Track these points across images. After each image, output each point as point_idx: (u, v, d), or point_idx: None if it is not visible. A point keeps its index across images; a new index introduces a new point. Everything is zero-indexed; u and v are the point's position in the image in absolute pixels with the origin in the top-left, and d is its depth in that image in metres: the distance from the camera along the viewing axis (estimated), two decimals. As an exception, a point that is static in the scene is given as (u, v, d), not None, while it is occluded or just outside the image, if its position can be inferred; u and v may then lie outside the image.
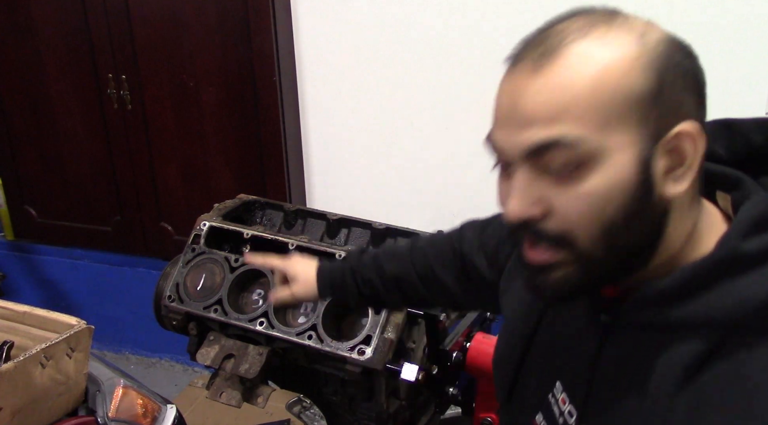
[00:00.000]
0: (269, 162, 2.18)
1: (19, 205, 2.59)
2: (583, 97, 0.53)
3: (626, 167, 0.54)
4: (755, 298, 0.53)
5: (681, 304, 0.56)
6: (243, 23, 2.02)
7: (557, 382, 0.68)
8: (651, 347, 0.58)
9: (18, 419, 0.95)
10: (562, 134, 0.53)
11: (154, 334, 1.68)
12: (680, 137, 0.55)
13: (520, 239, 0.60)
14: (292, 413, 1.98)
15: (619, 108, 0.53)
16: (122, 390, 1.06)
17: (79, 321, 1.05)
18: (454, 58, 1.93)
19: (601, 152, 0.53)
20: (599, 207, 0.54)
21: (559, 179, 0.54)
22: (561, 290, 0.59)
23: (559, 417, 0.67)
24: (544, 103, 0.53)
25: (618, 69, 0.53)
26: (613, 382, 0.61)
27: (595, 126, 0.53)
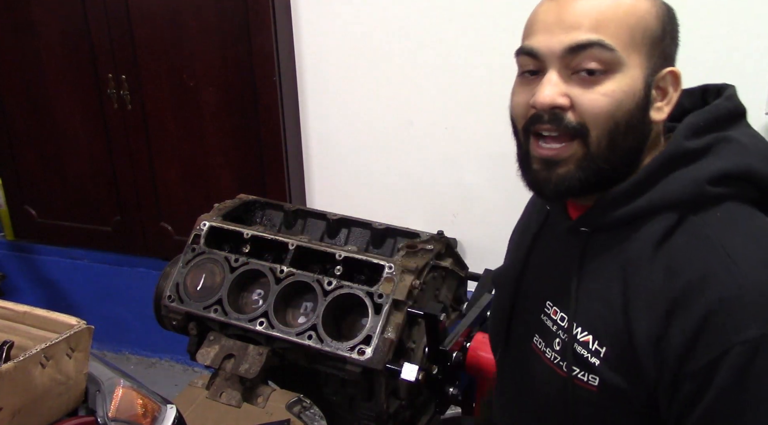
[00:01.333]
0: (269, 162, 2.18)
1: (19, 205, 2.59)
2: (619, 20, 0.68)
3: (637, 82, 0.69)
4: (700, 179, 0.68)
5: (642, 195, 0.70)
6: (243, 23, 2.02)
7: (547, 302, 0.80)
8: (623, 238, 0.72)
9: (18, 419, 0.95)
10: (603, 38, 0.67)
11: (154, 334, 1.68)
12: (668, 77, 0.71)
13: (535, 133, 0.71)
14: (292, 413, 1.98)
15: (640, 37, 0.69)
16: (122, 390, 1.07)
17: (79, 321, 1.05)
18: (454, 58, 1.93)
19: (624, 63, 0.68)
20: (614, 107, 0.68)
21: (584, 81, 0.68)
22: (563, 184, 0.70)
23: (552, 327, 0.78)
24: (589, 15, 0.67)
25: (642, 9, 0.69)
26: (595, 279, 0.74)
27: (624, 43, 0.68)
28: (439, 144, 2.03)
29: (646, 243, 0.69)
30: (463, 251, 2.05)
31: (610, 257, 0.73)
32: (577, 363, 0.73)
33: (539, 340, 0.80)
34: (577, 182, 0.70)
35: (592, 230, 0.75)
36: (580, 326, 0.73)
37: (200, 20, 2.07)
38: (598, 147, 0.69)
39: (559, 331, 0.77)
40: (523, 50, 0.72)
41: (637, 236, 0.71)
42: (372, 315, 1.23)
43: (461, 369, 1.23)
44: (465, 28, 1.89)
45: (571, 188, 0.70)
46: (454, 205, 2.06)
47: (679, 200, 0.69)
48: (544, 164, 0.71)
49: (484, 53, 1.88)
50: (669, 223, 0.69)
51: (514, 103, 0.74)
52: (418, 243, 1.34)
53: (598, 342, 0.71)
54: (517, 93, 0.74)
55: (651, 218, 0.70)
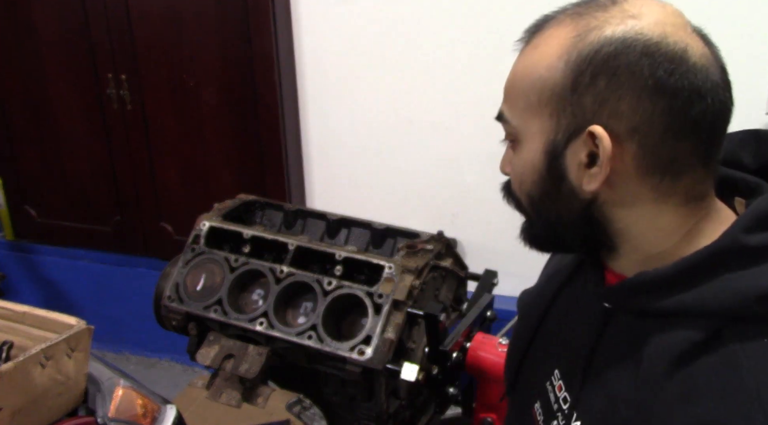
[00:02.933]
0: (269, 162, 2.18)
1: (19, 205, 2.59)
2: (516, 85, 0.61)
3: (535, 153, 0.61)
4: (753, 292, 0.53)
5: (677, 292, 0.56)
6: (243, 23, 2.02)
7: (555, 370, 0.71)
8: (646, 333, 0.59)
9: (18, 419, 0.95)
10: (503, 110, 0.64)
11: (154, 334, 1.68)
12: (592, 138, 0.56)
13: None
14: (292, 413, 1.98)
15: (536, 99, 0.59)
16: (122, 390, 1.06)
17: (79, 321, 1.05)
18: (454, 58, 1.93)
19: (523, 134, 0.62)
20: (520, 178, 0.64)
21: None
22: (524, 237, 0.68)
23: (554, 404, 0.70)
24: (507, 80, 0.63)
25: (542, 66, 0.58)
26: (607, 368, 0.63)
27: (519, 110, 0.61)
28: (439, 144, 2.03)
29: (662, 356, 0.56)
30: (463, 251, 2.05)
31: (627, 348, 0.61)
32: None
33: (539, 410, 0.73)
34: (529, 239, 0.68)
35: (615, 309, 0.64)
36: (579, 419, 0.64)
37: (200, 20, 2.07)
38: (530, 212, 0.66)
39: (559, 414, 0.68)
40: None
41: (658, 339, 0.57)
42: (372, 315, 1.23)
43: (461, 369, 1.23)
44: (465, 28, 1.89)
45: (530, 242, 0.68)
46: (454, 205, 2.06)
47: (721, 313, 0.54)
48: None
49: (484, 53, 1.88)
50: (699, 338, 0.54)
51: None
52: (418, 243, 1.34)
53: None
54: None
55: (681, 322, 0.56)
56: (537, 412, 0.73)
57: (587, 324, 0.67)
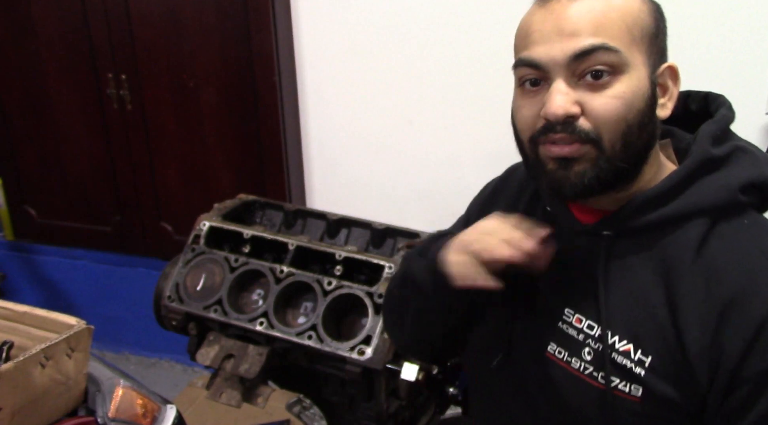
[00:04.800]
0: (269, 162, 2.18)
1: (19, 205, 2.59)
2: (616, 21, 0.67)
3: (643, 81, 0.69)
4: (733, 186, 0.70)
5: (673, 200, 0.71)
6: (243, 23, 2.02)
7: (565, 309, 0.77)
8: (653, 243, 0.71)
9: (18, 419, 0.95)
10: (606, 41, 0.66)
11: (154, 334, 1.68)
12: (666, 73, 0.72)
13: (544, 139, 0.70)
14: (292, 413, 1.98)
15: (638, 35, 0.69)
16: (122, 390, 1.06)
17: (79, 321, 1.05)
18: (454, 58, 1.93)
19: (628, 64, 0.67)
20: (625, 109, 0.67)
21: (592, 86, 0.67)
22: (581, 182, 0.69)
23: (577, 336, 0.75)
24: (589, 20, 0.67)
25: (635, 8, 0.69)
26: (624, 284, 0.72)
27: (625, 43, 0.67)
28: (439, 144, 2.03)
29: (685, 249, 0.69)
30: (463, 251, 2.04)
31: (639, 262, 0.72)
32: (618, 373, 0.71)
33: (558, 349, 0.77)
34: (595, 181, 0.69)
35: (616, 234, 0.73)
36: (617, 334, 0.71)
37: (200, 20, 2.07)
38: (612, 150, 0.68)
39: (589, 340, 0.74)
40: (522, 62, 0.71)
41: (672, 241, 0.70)
42: (372, 315, 1.23)
43: (461, 369, 1.23)
44: (465, 28, 1.89)
45: (590, 187, 0.69)
46: (454, 205, 2.06)
47: (712, 206, 0.70)
48: (560, 162, 0.69)
49: (484, 53, 1.88)
50: (703, 229, 0.69)
51: (520, 116, 0.73)
52: (418, 243, 1.34)
53: (642, 351, 0.70)
54: (523, 106, 0.72)
55: (682, 223, 0.70)
56: (554, 352, 0.77)
57: (584, 259, 0.75)
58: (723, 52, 1.66)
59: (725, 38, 1.65)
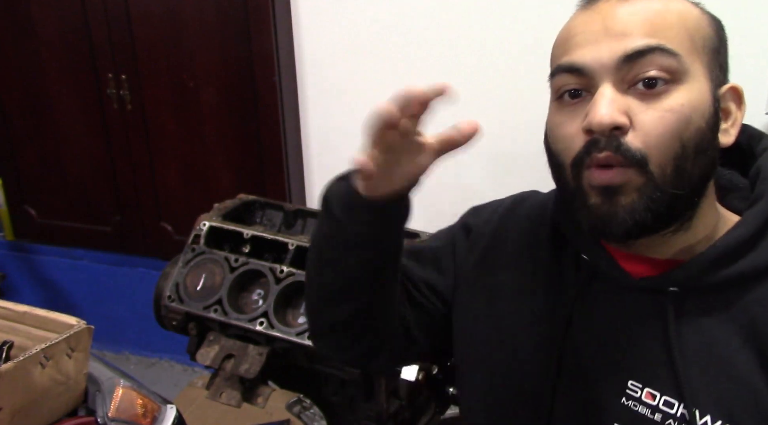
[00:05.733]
0: (269, 162, 2.18)
1: (19, 205, 2.59)
2: (676, 23, 0.58)
3: (705, 95, 0.58)
4: None
5: (753, 251, 0.60)
6: (243, 23, 2.02)
7: (629, 382, 0.64)
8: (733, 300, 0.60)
9: (18, 419, 0.95)
10: (664, 43, 0.57)
11: (154, 334, 1.68)
12: (729, 94, 0.62)
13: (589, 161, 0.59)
14: (292, 413, 1.98)
15: (701, 44, 0.59)
16: (122, 390, 1.06)
17: (79, 321, 1.05)
18: (454, 58, 1.93)
19: (689, 72, 0.57)
20: (682, 125, 0.56)
21: (644, 96, 0.57)
22: (632, 217, 0.57)
23: (653, 415, 0.62)
24: (644, 19, 0.57)
25: (696, 14, 0.60)
26: (701, 349, 0.61)
27: (685, 48, 0.57)
28: (439, 144, 2.03)
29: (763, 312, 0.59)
30: (463, 251, 2.04)
31: (717, 325, 0.60)
32: None
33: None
34: (647, 214, 0.57)
35: (684, 290, 0.62)
36: (708, 413, 0.59)
37: (200, 20, 2.07)
38: (662, 175, 0.57)
39: (669, 421, 0.61)
40: (562, 68, 0.60)
41: (757, 299, 0.59)
42: (372, 315, 1.22)
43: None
44: (465, 29, 1.89)
45: (642, 222, 0.57)
46: (454, 205, 2.06)
47: None
48: (604, 194, 0.58)
49: (485, 54, 1.88)
50: None
51: (558, 134, 0.61)
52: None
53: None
54: (562, 123, 0.61)
55: (765, 277, 0.60)
56: None
57: (646, 321, 0.63)
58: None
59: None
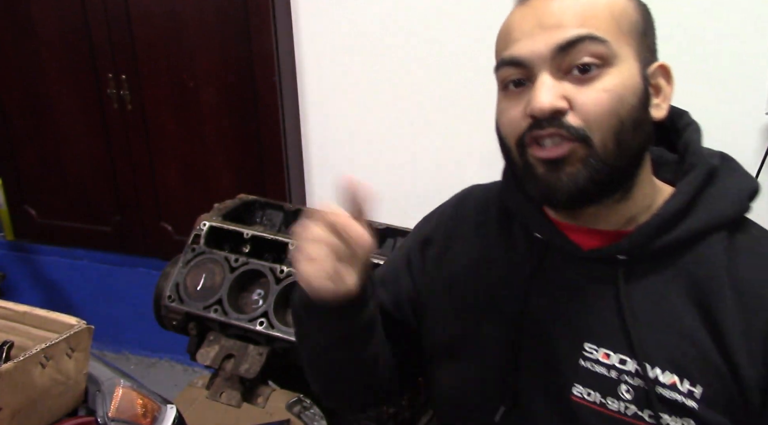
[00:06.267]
0: (269, 162, 2.18)
1: (19, 205, 2.59)
2: (603, 12, 0.64)
3: (635, 74, 0.64)
4: (741, 196, 0.68)
5: (689, 217, 0.67)
6: (243, 23, 2.02)
7: (584, 344, 0.69)
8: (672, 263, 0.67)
9: (18, 419, 0.95)
10: (593, 31, 0.63)
11: (154, 334, 1.68)
12: (658, 72, 0.68)
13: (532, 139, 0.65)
14: (292, 413, 1.98)
15: (626, 28, 0.65)
16: (122, 390, 1.06)
17: (79, 321, 1.05)
18: (454, 59, 1.93)
19: (618, 55, 0.63)
20: (616, 102, 0.63)
21: (580, 80, 0.63)
22: (575, 185, 0.63)
23: (608, 372, 0.68)
24: (573, 12, 0.63)
25: (621, 2, 0.66)
26: (650, 309, 0.67)
27: (613, 34, 0.63)
28: (440, 144, 2.03)
29: (714, 267, 0.65)
30: (463, 251, 2.04)
31: (662, 285, 0.67)
32: (667, 409, 0.65)
33: (587, 391, 0.69)
34: (589, 183, 0.63)
35: (631, 257, 0.68)
36: (658, 366, 0.65)
37: (200, 20, 2.07)
38: (604, 148, 0.63)
39: (624, 376, 0.67)
40: (504, 61, 0.67)
41: (695, 260, 0.66)
42: (372, 315, 1.22)
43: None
44: (466, 28, 1.89)
45: (585, 190, 0.63)
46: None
47: (729, 219, 0.67)
48: (549, 165, 0.64)
49: (485, 54, 1.88)
50: (725, 244, 0.66)
51: (505, 120, 0.68)
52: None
53: (689, 381, 0.64)
54: (507, 109, 0.68)
55: (701, 240, 0.67)
56: (580, 395, 0.69)
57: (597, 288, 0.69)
58: (723, 52, 1.66)
59: (725, 38, 1.65)
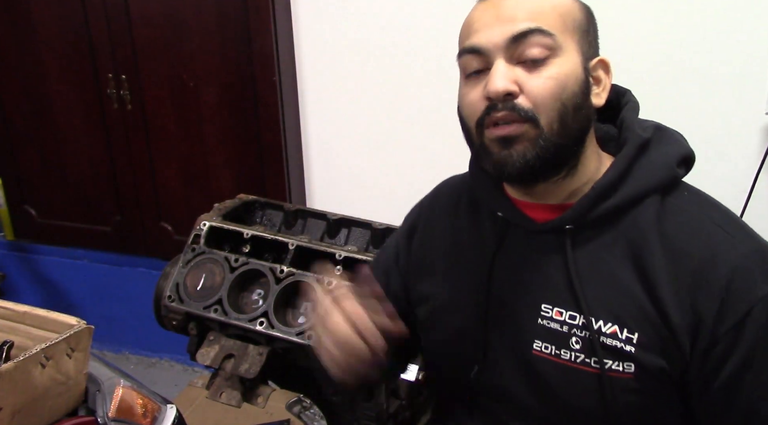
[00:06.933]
0: (269, 162, 2.18)
1: (19, 205, 2.59)
2: (551, 10, 0.73)
3: (577, 65, 0.74)
4: (669, 163, 0.77)
5: (624, 185, 0.75)
6: (243, 23, 2.02)
7: (542, 305, 0.80)
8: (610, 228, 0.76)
9: (18, 419, 0.95)
10: (542, 25, 0.72)
11: (154, 334, 1.68)
12: (599, 65, 0.78)
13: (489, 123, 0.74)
14: (292, 413, 1.98)
15: (570, 25, 0.74)
16: (122, 390, 1.06)
17: (79, 321, 1.05)
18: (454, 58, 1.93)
19: (562, 48, 0.73)
20: (560, 89, 0.72)
21: (529, 68, 0.72)
22: (523, 160, 0.72)
23: (562, 327, 0.78)
24: (526, 9, 0.73)
25: (568, 3, 0.76)
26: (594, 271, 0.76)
27: (558, 29, 0.73)
28: (440, 144, 2.03)
29: (646, 229, 0.75)
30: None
31: (603, 248, 0.77)
32: (609, 355, 0.75)
33: (544, 345, 0.79)
34: (537, 159, 0.72)
35: (577, 226, 0.77)
36: (601, 319, 0.75)
37: (200, 20, 2.07)
38: (550, 128, 0.72)
39: (574, 330, 0.77)
40: (465, 50, 0.77)
41: (630, 223, 0.76)
42: (372, 315, 1.22)
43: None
44: (465, 28, 1.89)
45: (532, 165, 0.72)
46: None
47: (660, 185, 0.76)
48: (501, 143, 0.73)
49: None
50: (656, 207, 0.76)
51: (465, 103, 0.78)
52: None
53: (627, 330, 0.74)
54: (467, 93, 0.78)
55: (637, 204, 0.76)
56: (540, 349, 0.79)
57: (549, 255, 0.79)
58: (723, 52, 1.66)
59: (725, 38, 1.65)
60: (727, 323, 0.71)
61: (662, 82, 1.71)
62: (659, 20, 1.69)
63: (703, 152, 0.84)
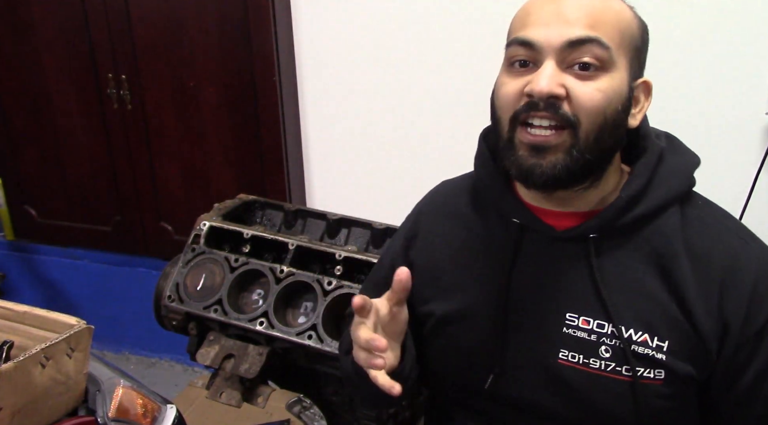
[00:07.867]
0: (269, 162, 2.18)
1: (19, 205, 2.59)
2: (612, 22, 0.72)
3: (624, 82, 0.73)
4: (688, 173, 0.78)
5: (648, 195, 0.76)
6: (243, 23, 2.02)
7: (567, 314, 0.78)
8: (633, 236, 0.76)
9: (18, 419, 0.95)
10: (600, 36, 0.70)
11: (154, 334, 1.68)
12: (641, 86, 0.77)
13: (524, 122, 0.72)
14: (292, 413, 1.98)
15: (627, 42, 0.73)
16: (122, 390, 1.06)
17: (79, 321, 1.05)
18: (454, 58, 1.93)
19: (615, 63, 0.71)
20: (605, 103, 0.71)
21: (579, 76, 0.70)
22: (552, 172, 0.71)
23: (589, 336, 0.77)
24: (588, 14, 0.70)
25: (629, 17, 0.74)
26: (620, 279, 0.76)
27: (615, 44, 0.71)
28: (440, 144, 2.03)
29: (672, 237, 0.75)
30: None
31: (627, 257, 0.77)
32: (641, 363, 0.75)
33: (571, 354, 0.78)
34: (565, 172, 0.71)
35: (601, 234, 0.77)
36: (631, 327, 0.75)
37: (200, 20, 2.07)
38: (586, 140, 0.71)
39: (603, 339, 0.76)
40: (518, 41, 0.73)
41: (654, 232, 0.76)
42: (372, 315, 1.22)
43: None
44: (465, 28, 1.89)
45: (559, 177, 0.72)
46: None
47: (681, 193, 0.77)
48: (533, 150, 0.72)
49: (485, 53, 1.88)
50: (678, 216, 0.76)
51: (503, 92, 0.75)
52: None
53: (658, 338, 0.74)
54: (508, 83, 0.75)
55: (659, 214, 0.76)
56: (566, 358, 0.78)
57: (573, 264, 0.78)
58: (723, 52, 1.66)
59: (726, 38, 1.65)
60: (753, 327, 0.73)
61: (662, 83, 1.71)
62: (659, 20, 1.69)
63: (703, 152, 0.84)
